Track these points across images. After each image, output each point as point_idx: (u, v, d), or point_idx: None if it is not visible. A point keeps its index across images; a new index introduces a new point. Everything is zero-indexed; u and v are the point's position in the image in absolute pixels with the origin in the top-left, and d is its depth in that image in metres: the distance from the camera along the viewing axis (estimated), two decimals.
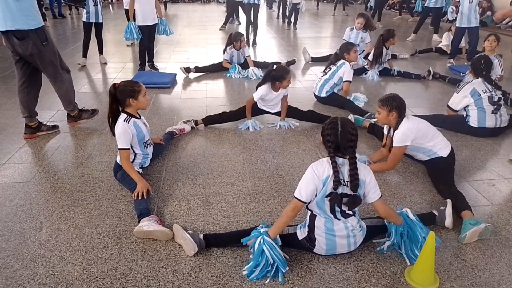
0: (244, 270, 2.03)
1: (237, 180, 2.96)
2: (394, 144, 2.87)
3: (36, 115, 3.71)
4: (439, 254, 2.19)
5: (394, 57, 6.91)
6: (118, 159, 2.82)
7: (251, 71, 5.83)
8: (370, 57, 5.78)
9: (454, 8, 7.73)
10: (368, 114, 4.05)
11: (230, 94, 5.07)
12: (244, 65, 6.01)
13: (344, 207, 2.04)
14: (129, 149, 2.74)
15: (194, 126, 3.87)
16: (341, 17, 13.79)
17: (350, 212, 2.06)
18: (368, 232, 2.18)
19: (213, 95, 5.01)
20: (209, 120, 3.95)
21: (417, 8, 8.92)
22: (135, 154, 2.86)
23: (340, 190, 1.99)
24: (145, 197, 2.52)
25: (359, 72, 5.75)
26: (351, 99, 4.56)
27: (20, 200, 2.67)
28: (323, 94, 4.56)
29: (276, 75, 3.75)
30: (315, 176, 2.00)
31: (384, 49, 5.67)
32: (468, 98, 3.66)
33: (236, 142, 3.62)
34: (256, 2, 8.02)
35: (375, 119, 3.61)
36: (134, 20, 5.62)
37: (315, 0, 16.88)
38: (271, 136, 3.75)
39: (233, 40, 5.79)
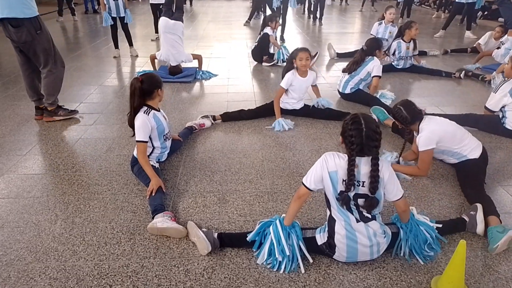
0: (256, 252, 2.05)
1: (255, 178, 2.86)
2: (419, 149, 2.71)
3: (43, 97, 3.84)
4: (469, 263, 2.03)
5: (423, 53, 6.64)
6: (135, 152, 2.78)
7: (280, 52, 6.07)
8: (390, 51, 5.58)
9: None
10: None
11: (252, 90, 4.97)
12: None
13: (361, 209, 1.91)
14: (147, 142, 2.69)
15: (213, 121, 3.79)
16: (369, 13, 13.42)
17: (370, 216, 1.93)
18: (392, 239, 2.04)
19: (234, 90, 4.93)
20: (228, 117, 3.88)
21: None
22: (154, 147, 2.81)
23: (353, 192, 1.87)
24: (157, 194, 2.46)
25: (386, 69, 5.53)
26: (377, 96, 4.37)
27: (38, 191, 2.67)
28: (347, 91, 4.40)
29: (292, 55, 3.81)
30: (324, 166, 1.90)
31: (403, 42, 5.42)
32: (507, 97, 3.42)
33: (256, 139, 3.52)
34: None
35: None
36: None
37: None
38: (292, 133, 3.64)
39: (268, 21, 5.95)
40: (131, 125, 2.74)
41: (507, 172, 3.00)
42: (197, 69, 5.49)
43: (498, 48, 6.17)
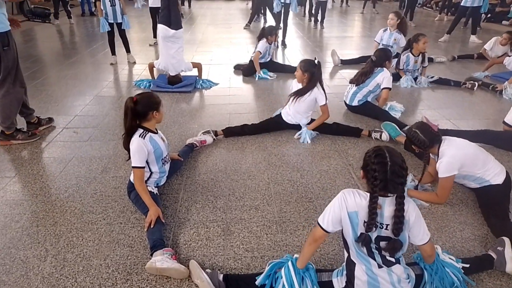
0: None
1: (262, 204, 2.67)
2: (439, 175, 2.52)
3: (33, 112, 3.71)
4: None
5: (430, 60, 6.44)
6: (132, 178, 2.58)
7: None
8: (398, 65, 5.35)
9: None
10: (407, 127, 3.66)
11: (255, 101, 4.77)
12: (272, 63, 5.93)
13: (384, 253, 1.72)
14: (144, 167, 2.49)
15: (214, 137, 3.60)
16: (370, 15, 13.24)
17: (393, 259, 1.74)
18: (416, 282, 1.85)
19: (236, 101, 4.73)
20: (230, 132, 3.68)
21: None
22: (151, 172, 2.60)
23: (375, 233, 1.68)
24: (155, 226, 2.26)
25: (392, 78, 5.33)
26: (386, 108, 4.18)
27: (27, 221, 2.46)
28: (355, 103, 4.20)
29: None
30: (343, 206, 1.71)
31: (412, 56, 5.22)
32: None
33: (261, 157, 3.32)
34: (288, 1, 7.67)
35: None
36: None
37: None
38: (299, 151, 3.44)
39: (268, 34, 5.60)
40: (126, 147, 2.54)
41: None
42: (197, 77, 5.29)
43: (508, 55, 5.99)
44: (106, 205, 2.64)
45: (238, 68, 6.01)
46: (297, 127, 3.76)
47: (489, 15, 11.31)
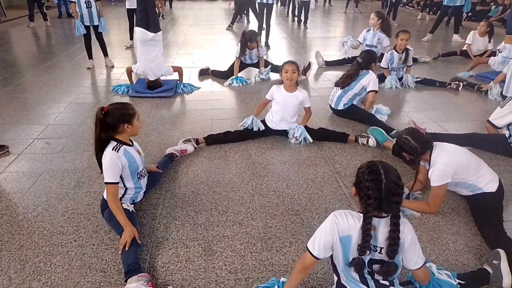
0: None
1: (246, 218, 2.52)
2: (432, 184, 2.42)
3: None
4: None
5: (414, 60, 6.40)
6: (105, 194, 2.40)
7: (257, 73, 5.54)
8: (382, 63, 5.26)
9: None
10: (394, 131, 3.58)
11: (238, 106, 4.62)
12: (256, 66, 5.69)
13: (377, 277, 1.59)
14: (118, 183, 2.31)
15: (196, 146, 3.43)
16: (353, 14, 13.22)
17: (386, 282, 1.61)
18: None
19: (219, 106, 4.56)
20: (212, 140, 3.52)
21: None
22: (126, 188, 2.42)
23: (368, 256, 1.55)
24: (131, 248, 2.09)
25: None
26: (372, 112, 4.08)
27: None
28: (340, 107, 4.08)
29: (280, 67, 3.52)
30: (335, 229, 1.57)
31: (396, 53, 5.14)
32: None
33: (244, 166, 3.17)
34: (270, 1, 7.52)
35: None
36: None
37: None
38: (284, 159, 3.30)
39: (248, 40, 5.31)
40: (99, 161, 2.36)
41: None
42: (178, 82, 5.10)
43: (488, 49, 6.05)
44: (78, 224, 2.45)
45: (203, 74, 5.73)
46: (282, 133, 3.62)
47: (470, 14, 11.39)
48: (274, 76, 5.56)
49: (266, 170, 3.13)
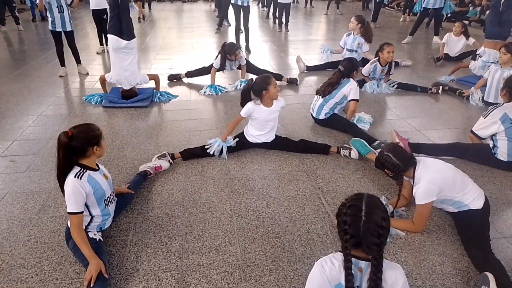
0: None
1: (223, 243, 2.37)
2: (417, 202, 2.32)
3: None
4: None
5: (396, 64, 6.35)
6: (70, 223, 2.21)
7: (238, 82, 5.37)
8: (363, 70, 5.17)
9: None
10: (377, 142, 3.48)
11: (217, 115, 4.46)
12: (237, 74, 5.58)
13: None
14: (82, 212, 2.13)
15: (171, 161, 3.26)
16: (334, 16, 13.19)
17: None
18: None
19: (197, 115, 4.39)
20: (189, 154, 3.35)
21: (418, 8, 8.37)
22: (92, 216, 2.24)
23: None
24: (96, 283, 1.92)
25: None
26: (354, 121, 3.98)
27: None
28: (322, 116, 3.97)
29: (258, 87, 3.24)
30: (325, 280, 1.44)
31: (379, 66, 5.07)
32: (497, 125, 3.10)
33: (223, 183, 3.02)
34: (245, 4, 7.34)
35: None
36: None
37: None
38: (264, 174, 3.16)
39: (227, 53, 5.14)
40: (62, 189, 2.17)
41: (507, 215, 2.67)
42: (154, 90, 4.91)
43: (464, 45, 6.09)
44: (41, 255, 2.26)
45: (172, 79, 5.60)
46: (262, 145, 3.49)
47: (449, 15, 11.50)
48: None
49: (245, 187, 2.98)
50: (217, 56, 5.27)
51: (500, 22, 5.21)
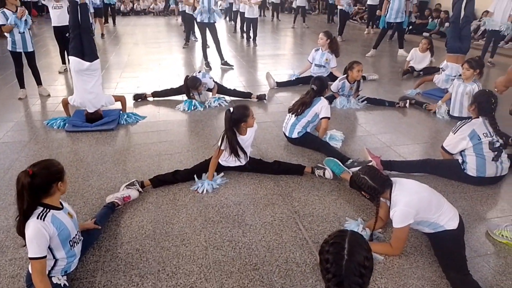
0: None
1: (198, 280, 2.25)
2: (394, 226, 2.32)
3: None
4: None
5: (363, 78, 6.46)
6: (31, 269, 2.03)
7: (211, 100, 5.30)
8: (332, 87, 5.21)
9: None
10: (350, 161, 3.47)
11: (188, 137, 4.35)
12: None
13: None
14: (45, 257, 1.96)
15: (141, 189, 3.11)
16: (300, 29, 13.40)
17: None
18: None
19: (167, 138, 4.26)
20: (159, 181, 3.22)
21: (382, 24, 8.66)
22: (56, 260, 2.08)
23: None
24: None
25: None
26: (327, 139, 3.98)
27: None
28: (295, 135, 3.94)
29: (238, 117, 3.15)
30: None
31: (348, 83, 5.14)
32: (466, 141, 3.16)
33: (196, 211, 2.91)
34: (211, 21, 7.27)
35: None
36: None
37: (273, 11, 16.38)
38: (239, 199, 3.08)
39: (190, 87, 5.14)
40: (21, 233, 2.00)
41: (479, 232, 2.70)
42: (121, 111, 4.74)
43: (434, 69, 6.27)
44: None
45: (137, 99, 5.45)
46: (235, 168, 3.41)
47: (410, 27, 11.93)
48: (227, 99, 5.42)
49: (220, 214, 2.88)
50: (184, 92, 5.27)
51: (460, 37, 5.42)
